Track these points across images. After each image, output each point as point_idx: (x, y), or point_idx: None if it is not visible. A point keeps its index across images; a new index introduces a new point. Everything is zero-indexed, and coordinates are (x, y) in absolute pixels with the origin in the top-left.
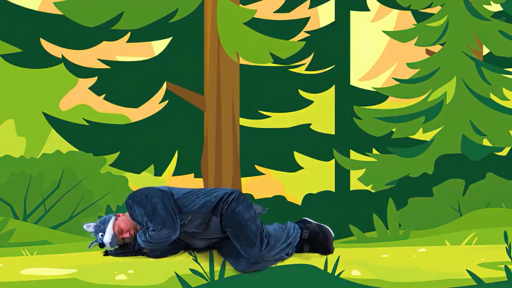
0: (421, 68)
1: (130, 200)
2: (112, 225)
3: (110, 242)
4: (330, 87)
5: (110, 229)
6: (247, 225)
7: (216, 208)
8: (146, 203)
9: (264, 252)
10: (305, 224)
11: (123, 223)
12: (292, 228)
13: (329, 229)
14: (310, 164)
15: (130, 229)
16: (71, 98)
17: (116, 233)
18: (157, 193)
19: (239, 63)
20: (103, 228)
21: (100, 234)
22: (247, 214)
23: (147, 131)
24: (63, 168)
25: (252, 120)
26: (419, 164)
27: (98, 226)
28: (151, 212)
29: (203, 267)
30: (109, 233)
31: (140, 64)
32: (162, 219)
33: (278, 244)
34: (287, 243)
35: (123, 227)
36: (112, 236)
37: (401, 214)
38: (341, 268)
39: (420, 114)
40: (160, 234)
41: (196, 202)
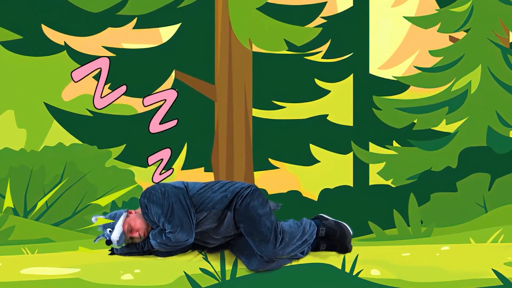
0: (444, 56)
1: (145, 199)
2: (122, 222)
3: (118, 240)
4: (348, 76)
5: (119, 226)
6: (261, 220)
7: (231, 203)
8: (163, 202)
9: (278, 249)
10: (321, 220)
11: (134, 222)
12: (308, 224)
13: (347, 226)
14: (327, 157)
15: (140, 229)
16: (74, 87)
17: (125, 231)
18: (173, 191)
19: (251, 50)
20: (112, 224)
21: (108, 230)
22: (262, 210)
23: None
24: (65, 161)
25: (266, 111)
26: (442, 158)
27: (107, 224)
28: (169, 212)
29: (214, 266)
30: (118, 230)
31: (147, 52)
32: (180, 221)
33: (293, 241)
34: (302, 241)
35: (133, 225)
36: (121, 234)
37: (423, 210)
38: (359, 268)
39: (443, 105)
40: (178, 237)
41: (212, 198)
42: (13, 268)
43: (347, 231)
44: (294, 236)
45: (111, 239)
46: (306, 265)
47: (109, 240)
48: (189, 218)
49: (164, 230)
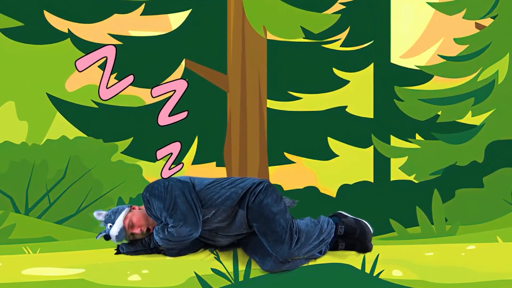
0: (470, 44)
1: (147, 193)
2: (123, 217)
3: (117, 236)
4: (368, 65)
5: (119, 221)
6: (276, 219)
7: (242, 200)
8: (166, 196)
9: (294, 250)
10: (340, 218)
11: (136, 217)
12: (326, 223)
13: (367, 224)
14: (346, 151)
15: (143, 225)
16: (78, 77)
17: (126, 226)
18: (177, 184)
19: (266, 38)
20: (113, 219)
21: (109, 225)
22: (276, 207)
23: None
24: (69, 155)
25: (281, 102)
26: (467, 152)
27: (108, 216)
28: (171, 206)
29: (226, 266)
30: (118, 225)
31: (156, 40)
32: (183, 215)
33: (309, 240)
34: (320, 240)
35: (135, 221)
36: (121, 230)
37: (447, 207)
38: (380, 268)
39: (469, 96)
40: (181, 231)
41: (221, 194)
42: (14, 268)
43: (368, 229)
44: (310, 236)
45: (109, 234)
46: (323, 265)
47: (108, 235)
48: (194, 213)
49: (166, 225)
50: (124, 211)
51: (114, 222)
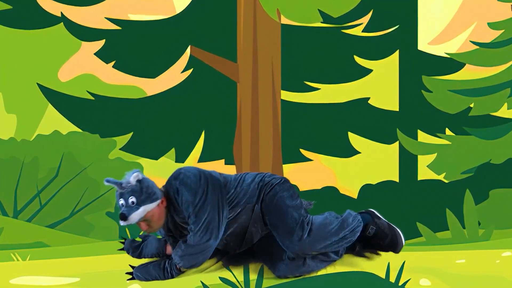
0: (505, 29)
1: (177, 181)
2: (151, 209)
3: (133, 216)
4: (393, 53)
5: (146, 211)
6: (288, 212)
7: (260, 195)
8: (198, 190)
9: (305, 242)
10: (373, 218)
11: (157, 217)
12: (352, 218)
13: (401, 234)
14: (369, 148)
15: (155, 229)
16: (72, 66)
17: (146, 216)
18: (212, 180)
19: (280, 23)
20: (141, 199)
21: (131, 200)
22: (291, 202)
23: (166, 107)
24: (62, 152)
25: (297, 93)
26: (503, 148)
27: (138, 192)
28: (200, 203)
29: (236, 275)
30: (140, 215)
31: (158, 24)
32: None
33: (325, 234)
34: (339, 236)
35: (154, 220)
36: (141, 211)
37: (481, 210)
38: (406, 277)
39: (504, 86)
40: (199, 238)
41: (246, 191)
42: (1, 277)
43: (400, 240)
44: (327, 229)
45: (128, 217)
46: (343, 273)
47: (125, 215)
48: (219, 220)
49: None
50: (155, 203)
51: (140, 204)
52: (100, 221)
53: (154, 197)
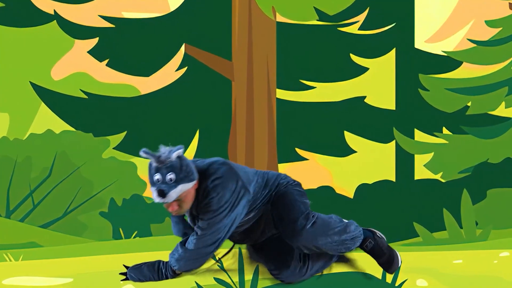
0: (503, 27)
1: (214, 182)
2: (187, 189)
3: (171, 194)
4: (390, 51)
5: (183, 190)
6: (296, 204)
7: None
8: (226, 206)
9: (308, 232)
10: (374, 234)
11: (189, 199)
12: (355, 226)
13: (399, 256)
14: (365, 147)
15: (183, 211)
16: (65, 64)
17: (181, 195)
18: (244, 198)
19: (275, 20)
20: (180, 177)
21: (170, 178)
22: (300, 198)
23: (160, 106)
24: (55, 151)
25: (292, 92)
26: (500, 147)
27: (179, 168)
28: (222, 212)
29: (231, 276)
30: (177, 193)
31: (152, 22)
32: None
33: (328, 231)
34: (341, 238)
35: (185, 201)
36: (179, 189)
37: (478, 210)
38: (403, 277)
39: (502, 85)
40: (203, 240)
41: (262, 196)
42: None
43: (396, 261)
44: (331, 227)
45: (168, 193)
46: (340, 274)
47: (165, 192)
48: (226, 234)
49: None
50: (192, 183)
51: (179, 182)
52: (94, 221)
53: (191, 177)
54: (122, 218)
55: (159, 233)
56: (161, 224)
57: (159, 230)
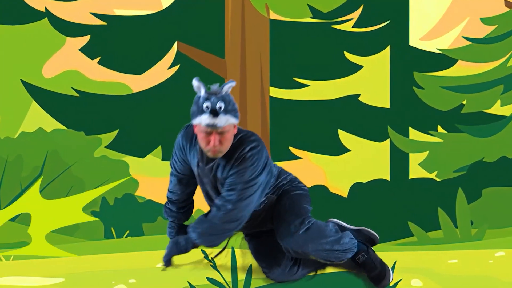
0: (499, 24)
1: (251, 149)
2: (234, 123)
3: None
4: (384, 49)
5: (230, 120)
6: (296, 207)
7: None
8: (258, 177)
9: (300, 237)
10: (368, 248)
11: (231, 136)
12: (349, 238)
13: (391, 273)
14: (359, 146)
15: (224, 147)
16: (57, 62)
17: (225, 128)
18: (271, 174)
19: (269, 18)
20: (229, 107)
21: (220, 106)
22: (303, 202)
23: (152, 104)
24: (47, 150)
25: (286, 90)
26: (496, 146)
27: (228, 102)
28: (249, 186)
29: (224, 275)
30: (225, 121)
31: (144, 20)
32: (247, 203)
33: (321, 239)
34: (332, 249)
35: (229, 137)
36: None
37: (473, 209)
38: (397, 277)
39: (498, 83)
40: (231, 215)
41: (274, 182)
42: None
43: (388, 277)
44: (324, 236)
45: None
46: (333, 274)
47: (217, 111)
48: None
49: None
50: (236, 120)
51: (227, 113)
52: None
53: (237, 114)
54: (114, 218)
55: (151, 233)
56: (153, 223)
57: (151, 229)
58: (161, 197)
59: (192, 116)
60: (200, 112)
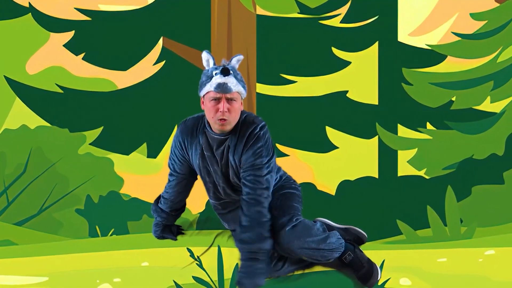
0: (488, 19)
1: (265, 129)
2: (243, 92)
3: (232, 77)
4: (372, 44)
5: (239, 88)
6: (287, 206)
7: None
8: (271, 160)
9: (286, 235)
10: (355, 248)
11: (239, 108)
12: (336, 238)
13: (379, 271)
14: (347, 143)
15: (232, 118)
16: (41, 58)
17: (234, 95)
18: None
19: (255, 13)
20: (237, 77)
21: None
22: (295, 202)
23: (138, 101)
24: (30, 147)
25: (273, 86)
26: (486, 143)
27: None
28: (271, 167)
29: (210, 274)
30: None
31: (129, 15)
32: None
33: (307, 238)
34: (318, 248)
35: (237, 108)
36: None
37: (463, 207)
38: (386, 276)
39: (488, 79)
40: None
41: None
42: None
43: (375, 275)
44: (310, 234)
45: (229, 69)
46: (321, 272)
47: (228, 69)
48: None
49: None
50: (245, 91)
51: (236, 79)
52: (70, 218)
53: (245, 86)
54: (99, 216)
55: (136, 231)
56: (138, 221)
57: (136, 227)
58: (146, 195)
59: (200, 87)
60: (209, 78)
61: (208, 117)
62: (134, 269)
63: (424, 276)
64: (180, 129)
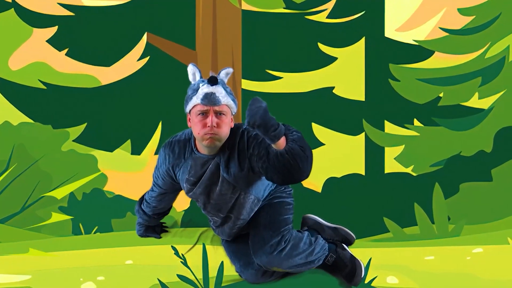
0: (476, 15)
1: (253, 132)
2: (232, 107)
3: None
4: (359, 40)
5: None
6: (277, 221)
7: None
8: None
9: (275, 258)
10: (337, 247)
11: (229, 125)
12: (320, 247)
13: (362, 267)
14: (333, 140)
15: (221, 133)
16: (23, 53)
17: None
18: None
19: (241, 8)
20: (226, 90)
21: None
22: (286, 213)
23: (122, 97)
24: (13, 144)
25: (258, 82)
26: (473, 140)
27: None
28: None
29: (195, 272)
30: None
31: (113, 10)
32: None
33: (294, 257)
34: (307, 261)
35: (226, 123)
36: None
37: (450, 204)
38: (373, 274)
39: (475, 75)
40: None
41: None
42: None
43: (359, 272)
44: (298, 252)
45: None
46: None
47: (216, 78)
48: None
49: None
50: (235, 106)
51: (226, 94)
52: (53, 216)
53: (235, 100)
54: (82, 213)
55: (120, 228)
56: (122, 219)
57: (120, 225)
58: (130, 192)
59: (186, 102)
60: (195, 91)
61: (194, 133)
62: (118, 267)
63: (411, 275)
64: (166, 152)
